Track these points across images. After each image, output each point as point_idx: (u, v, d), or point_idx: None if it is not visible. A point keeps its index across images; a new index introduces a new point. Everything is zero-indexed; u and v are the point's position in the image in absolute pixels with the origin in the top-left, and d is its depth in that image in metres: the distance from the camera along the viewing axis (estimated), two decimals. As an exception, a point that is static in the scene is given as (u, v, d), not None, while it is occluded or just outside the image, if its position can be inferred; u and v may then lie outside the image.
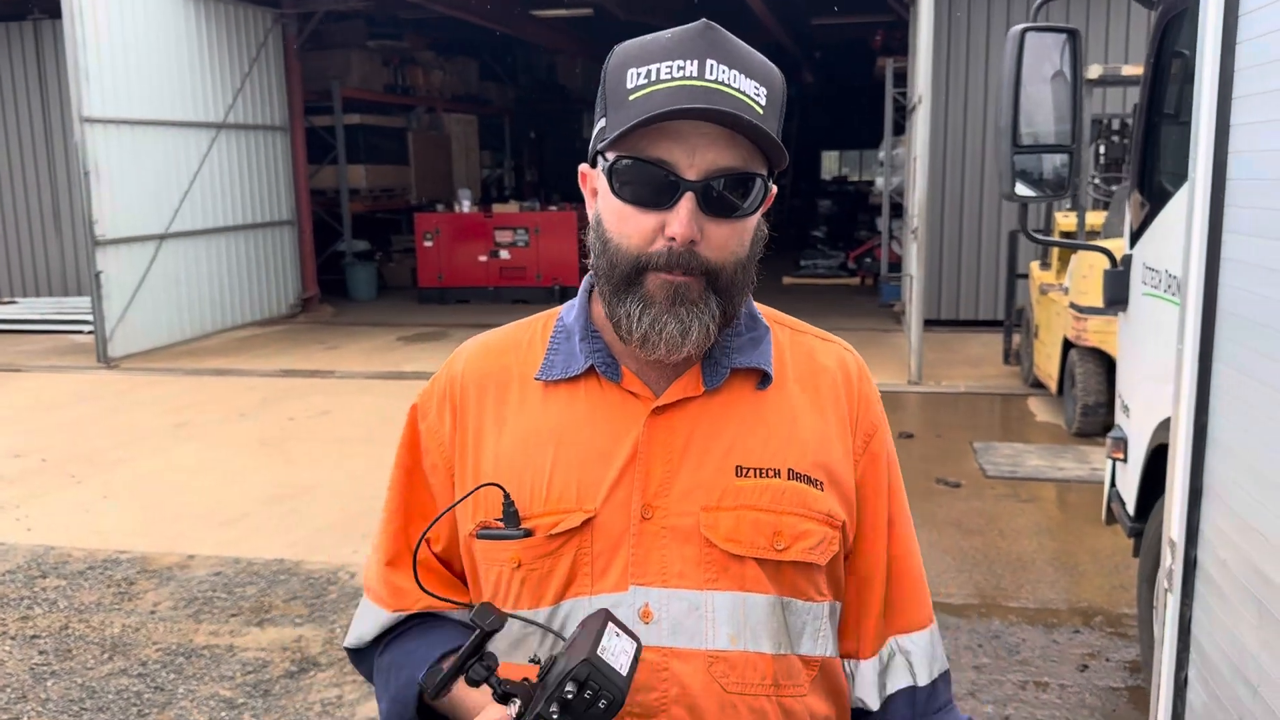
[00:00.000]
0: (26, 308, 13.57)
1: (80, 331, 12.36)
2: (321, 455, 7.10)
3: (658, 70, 1.12)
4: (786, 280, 16.10)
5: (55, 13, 12.20)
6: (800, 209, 22.34)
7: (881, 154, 14.05)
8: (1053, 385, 7.95)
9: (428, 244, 14.69)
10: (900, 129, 13.17)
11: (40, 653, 4.23)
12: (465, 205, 14.96)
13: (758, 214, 1.19)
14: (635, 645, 1.08)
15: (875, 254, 15.35)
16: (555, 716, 1.03)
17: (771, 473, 1.21)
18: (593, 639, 1.05)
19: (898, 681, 1.30)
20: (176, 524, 5.75)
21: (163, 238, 11.46)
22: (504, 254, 14.55)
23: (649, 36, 1.17)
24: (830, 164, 29.89)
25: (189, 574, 5.03)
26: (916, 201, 9.40)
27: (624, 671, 1.05)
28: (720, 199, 1.13)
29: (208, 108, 12.13)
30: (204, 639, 4.34)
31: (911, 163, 10.33)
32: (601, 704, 1.03)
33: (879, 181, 14.32)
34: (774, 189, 1.21)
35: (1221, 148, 2.10)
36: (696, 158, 1.11)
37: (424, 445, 1.31)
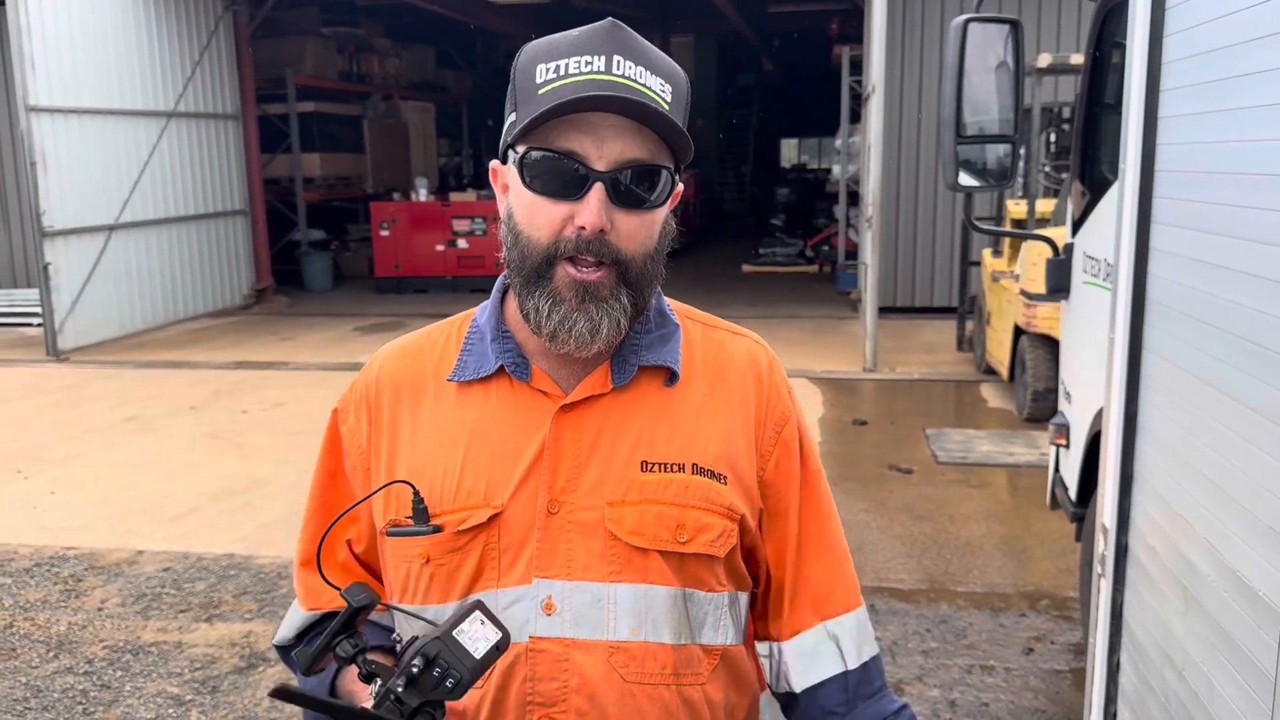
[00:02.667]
0: (-27, 300, 13.33)
1: (29, 324, 12.17)
2: (274, 448, 7.04)
3: (566, 65, 1.15)
4: (745, 269, 16.14)
5: (-1, -1, 11.95)
6: (759, 197, 22.41)
7: (839, 142, 14.11)
8: (1004, 371, 8.04)
9: (384, 233, 14.57)
10: (857, 117, 13.23)
11: (-17, 652, 4.17)
12: (422, 194, 14.84)
13: (666, 207, 1.22)
14: (499, 636, 1.09)
15: (833, 242, 15.43)
16: (400, 689, 1.05)
17: (676, 467, 1.23)
18: (452, 622, 1.08)
19: (827, 668, 1.30)
20: (125, 519, 5.68)
21: (112, 228, 11.28)
22: (462, 243, 14.46)
23: (558, 35, 1.20)
24: (789, 152, 29.99)
25: (137, 570, 4.97)
26: (871, 190, 9.46)
27: (476, 655, 1.07)
28: (629, 190, 1.16)
29: (157, 96, 11.94)
30: (152, 636, 4.29)
31: (866, 151, 10.38)
32: (449, 683, 1.06)
33: (836, 169, 14.38)
34: (681, 185, 1.24)
35: (1150, 139, 2.13)
36: (605, 149, 1.14)
37: (345, 448, 1.34)
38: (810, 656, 1.30)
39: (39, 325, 11.31)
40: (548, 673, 1.20)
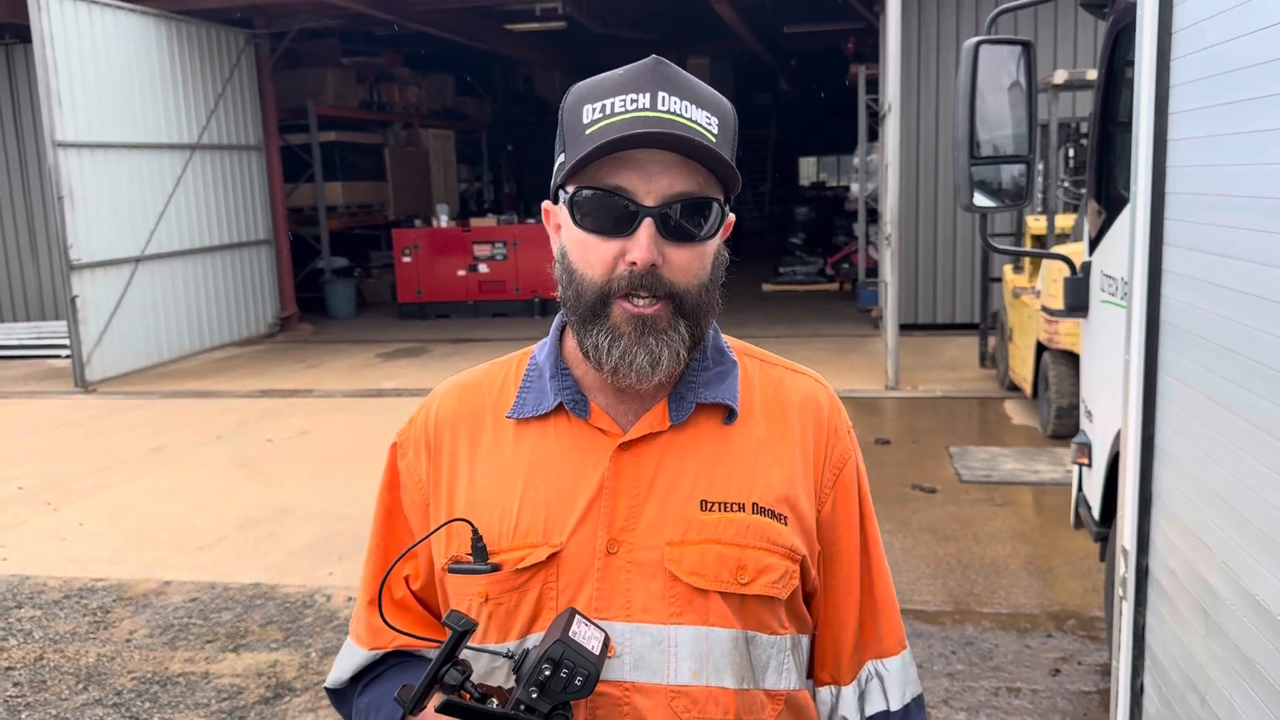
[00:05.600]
0: (3, 333, 13.50)
1: (58, 356, 12.31)
2: (299, 476, 7.09)
3: (611, 104, 1.16)
4: (766, 287, 16.14)
5: (26, 37, 12.18)
6: (778, 215, 22.40)
7: (856, 160, 14.12)
8: (1027, 388, 8.00)
9: (406, 259, 14.68)
10: (874, 135, 13.24)
11: (14, 684, 4.21)
12: (443, 220, 14.96)
13: (718, 238, 1.22)
14: (603, 634, 1.13)
15: (853, 259, 15.42)
16: (534, 696, 1.07)
17: (736, 507, 1.22)
18: (563, 626, 1.10)
19: (873, 705, 1.33)
20: (153, 550, 5.73)
21: (139, 260, 11.42)
22: (483, 268, 14.55)
23: (603, 75, 1.21)
24: (808, 170, 29.98)
25: (165, 600, 5.01)
26: (889, 208, 9.46)
27: (596, 651, 1.09)
28: (679, 225, 1.16)
29: (181, 129, 12.10)
30: (179, 666, 4.32)
31: (884, 169, 10.39)
32: (578, 681, 1.07)
33: (854, 187, 14.39)
34: (732, 216, 1.25)
35: (1160, 162, 2.14)
36: (653, 184, 1.15)
37: (403, 483, 1.34)
38: (863, 698, 1.33)
39: (67, 357, 11.46)
40: (607, 716, 1.19)
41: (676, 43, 18.21)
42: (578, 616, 1.12)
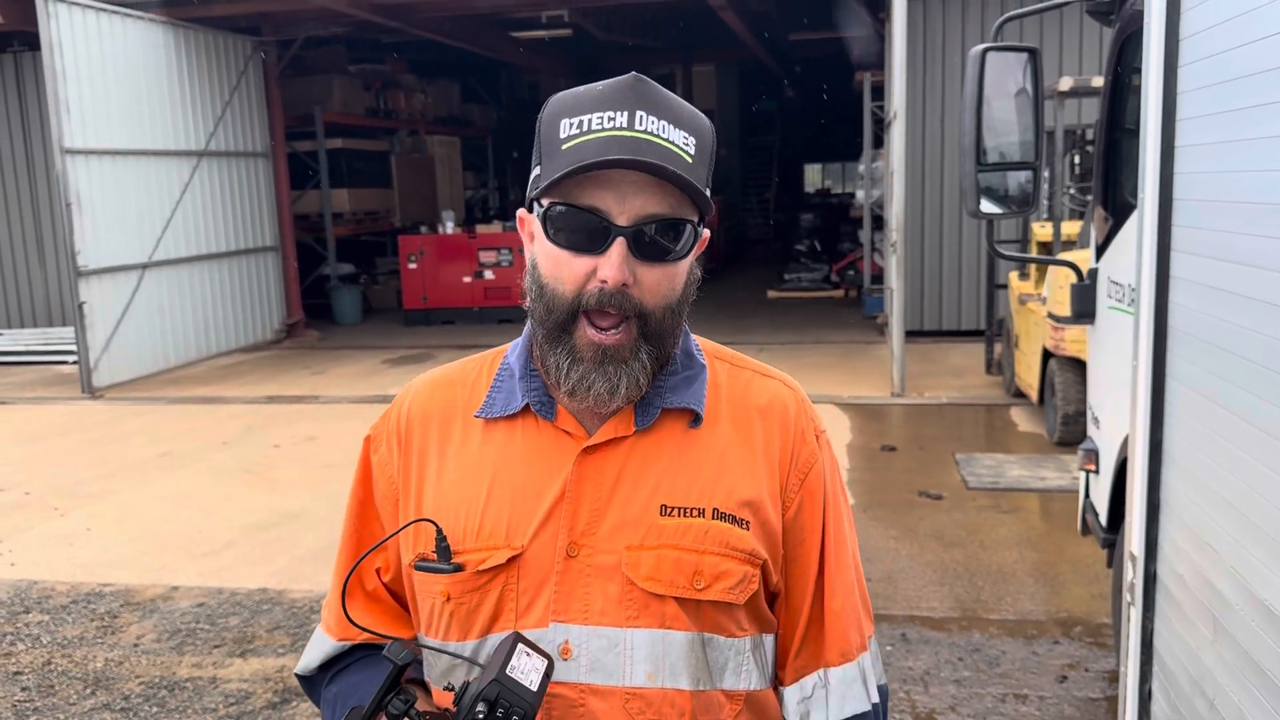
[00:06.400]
0: (11, 339, 13.54)
1: (65, 362, 12.35)
2: (305, 482, 7.10)
3: (589, 121, 1.16)
4: (771, 294, 16.15)
5: (35, 45, 12.21)
6: (783, 222, 22.42)
7: (862, 167, 14.14)
8: (1034, 395, 8.00)
9: (412, 266, 14.71)
10: (880, 142, 13.25)
11: (23, 689, 4.22)
12: (449, 226, 14.99)
13: (689, 258, 1.23)
14: (545, 663, 1.13)
15: (858, 266, 15.42)
16: None
17: (695, 512, 1.23)
18: (502, 659, 1.10)
19: (817, 713, 1.31)
20: (160, 555, 5.74)
21: (146, 267, 11.46)
22: (488, 274, 14.58)
23: (582, 88, 1.21)
24: (813, 177, 30.01)
25: (172, 605, 5.02)
26: (894, 216, 9.46)
27: (533, 688, 1.10)
28: (652, 244, 1.17)
29: (189, 136, 12.15)
30: (187, 671, 4.33)
31: (889, 177, 10.40)
32: (514, 718, 1.08)
33: (860, 194, 14.40)
34: (706, 234, 1.25)
35: (1168, 168, 2.14)
36: (627, 204, 1.15)
37: (375, 477, 1.36)
38: (809, 702, 1.31)
39: (74, 363, 11.48)
40: (563, 718, 1.20)
41: (681, 50, 18.25)
42: (520, 646, 1.12)
